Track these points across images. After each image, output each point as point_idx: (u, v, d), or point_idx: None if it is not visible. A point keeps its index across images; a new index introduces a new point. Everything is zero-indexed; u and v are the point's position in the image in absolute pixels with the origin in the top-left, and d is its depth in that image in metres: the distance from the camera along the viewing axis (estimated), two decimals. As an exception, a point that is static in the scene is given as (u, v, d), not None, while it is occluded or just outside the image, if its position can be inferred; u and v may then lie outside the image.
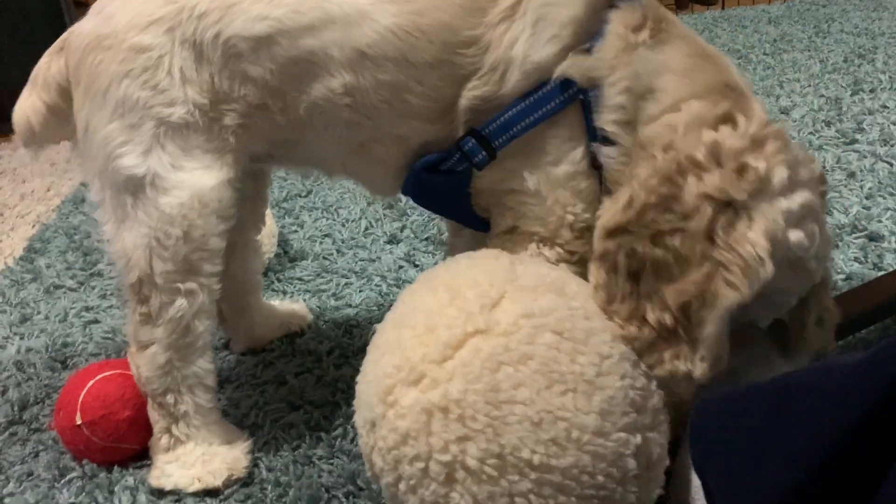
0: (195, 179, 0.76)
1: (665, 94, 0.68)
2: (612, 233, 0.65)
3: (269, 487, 0.82)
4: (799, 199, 0.62)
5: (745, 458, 0.53)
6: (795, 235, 0.62)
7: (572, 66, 0.69)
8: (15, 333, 1.20)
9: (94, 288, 1.32)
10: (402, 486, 0.62)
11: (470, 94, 0.72)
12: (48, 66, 0.83)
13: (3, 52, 2.31)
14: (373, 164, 0.80)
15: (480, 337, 0.62)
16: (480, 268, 0.67)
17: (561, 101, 0.70)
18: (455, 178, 0.76)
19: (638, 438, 0.60)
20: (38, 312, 1.26)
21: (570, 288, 0.66)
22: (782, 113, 1.69)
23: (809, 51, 2.15)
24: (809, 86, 1.85)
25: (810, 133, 1.56)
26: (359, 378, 0.68)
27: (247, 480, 0.84)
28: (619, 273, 0.64)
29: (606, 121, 0.69)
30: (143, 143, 0.75)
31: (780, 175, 0.62)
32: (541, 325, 0.62)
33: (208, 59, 0.74)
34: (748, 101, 0.68)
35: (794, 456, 0.49)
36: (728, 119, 0.65)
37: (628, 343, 0.63)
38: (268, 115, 0.76)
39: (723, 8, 2.87)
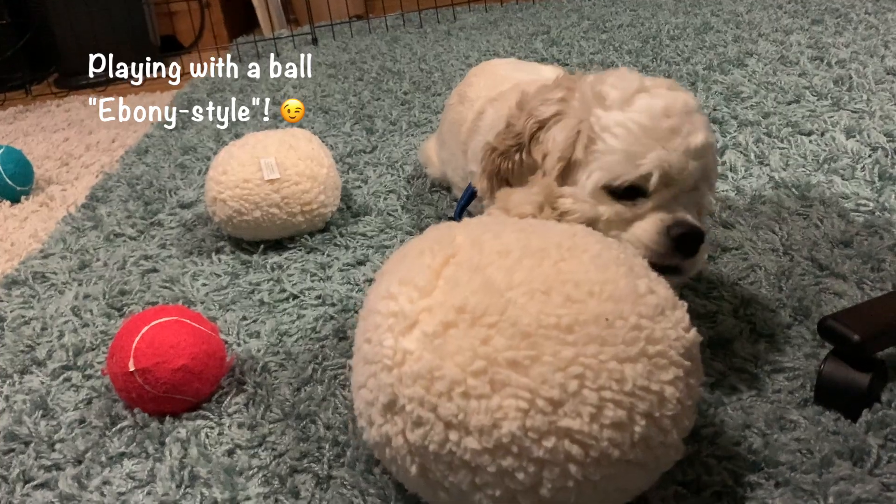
0: None
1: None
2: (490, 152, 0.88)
3: (327, 446, 0.76)
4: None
5: None
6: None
7: None
8: (73, 279, 1.18)
9: (153, 237, 1.29)
10: (450, 432, 0.54)
11: None
12: None
13: (72, 9, 2.31)
14: None
15: (453, 258, 0.61)
16: (428, 236, 0.68)
17: None
18: None
19: (642, 282, 0.60)
20: (97, 259, 1.23)
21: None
22: (888, 74, 1.54)
23: (916, 10, 1.97)
24: (918, 46, 1.69)
25: (921, 95, 1.42)
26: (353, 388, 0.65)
27: (302, 437, 0.78)
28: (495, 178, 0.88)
29: None
30: None
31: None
32: (502, 228, 0.65)
33: None
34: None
35: None
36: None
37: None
38: None
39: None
